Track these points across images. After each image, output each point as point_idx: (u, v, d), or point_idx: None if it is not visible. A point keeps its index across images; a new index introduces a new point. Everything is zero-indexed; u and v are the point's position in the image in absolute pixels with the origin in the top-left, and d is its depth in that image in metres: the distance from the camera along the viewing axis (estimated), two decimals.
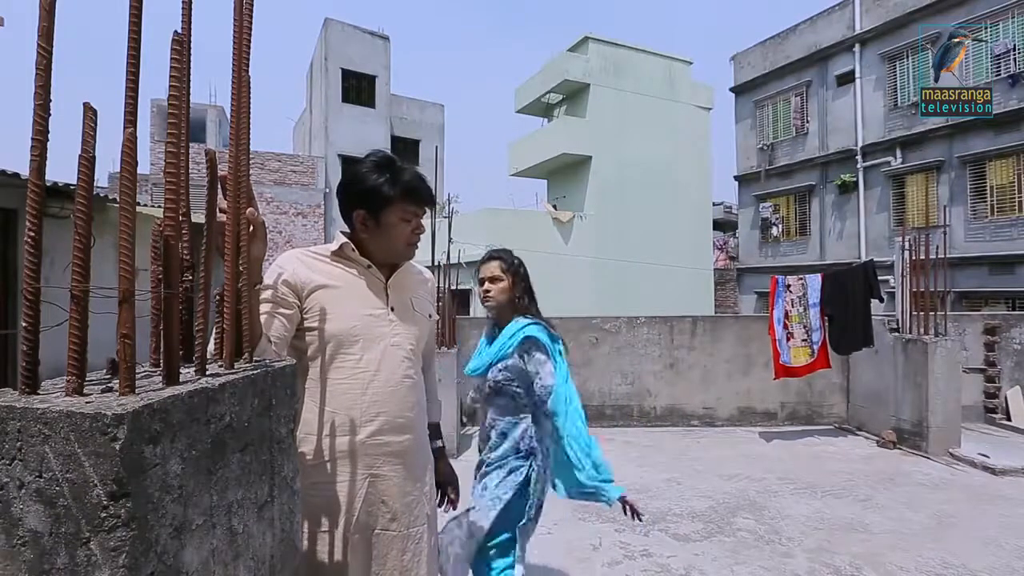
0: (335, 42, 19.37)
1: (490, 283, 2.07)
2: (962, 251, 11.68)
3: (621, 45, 17.77)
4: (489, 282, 2.07)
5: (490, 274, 2.07)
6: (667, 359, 6.63)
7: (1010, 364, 6.52)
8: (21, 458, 0.67)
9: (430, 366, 1.76)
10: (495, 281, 2.06)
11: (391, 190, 1.43)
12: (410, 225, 1.48)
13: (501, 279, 2.06)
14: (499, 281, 2.06)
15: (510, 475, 1.98)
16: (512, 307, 2.07)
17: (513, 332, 2.00)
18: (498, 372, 2.01)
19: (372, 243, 1.48)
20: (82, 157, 0.73)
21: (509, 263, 2.08)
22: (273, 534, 1.01)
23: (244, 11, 1.02)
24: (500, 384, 2.01)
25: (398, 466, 1.43)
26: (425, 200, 1.49)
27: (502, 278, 2.06)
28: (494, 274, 2.06)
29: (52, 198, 4.50)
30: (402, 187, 1.44)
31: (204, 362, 0.93)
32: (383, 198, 1.43)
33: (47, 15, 0.71)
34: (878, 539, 3.48)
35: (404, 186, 1.44)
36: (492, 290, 2.06)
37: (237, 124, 1.04)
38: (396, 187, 1.43)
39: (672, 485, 4.49)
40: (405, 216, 1.46)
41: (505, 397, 2.03)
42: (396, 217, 1.45)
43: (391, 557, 1.41)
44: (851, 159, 14.36)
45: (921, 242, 5.60)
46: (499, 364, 2.01)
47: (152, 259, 0.86)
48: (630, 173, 16.98)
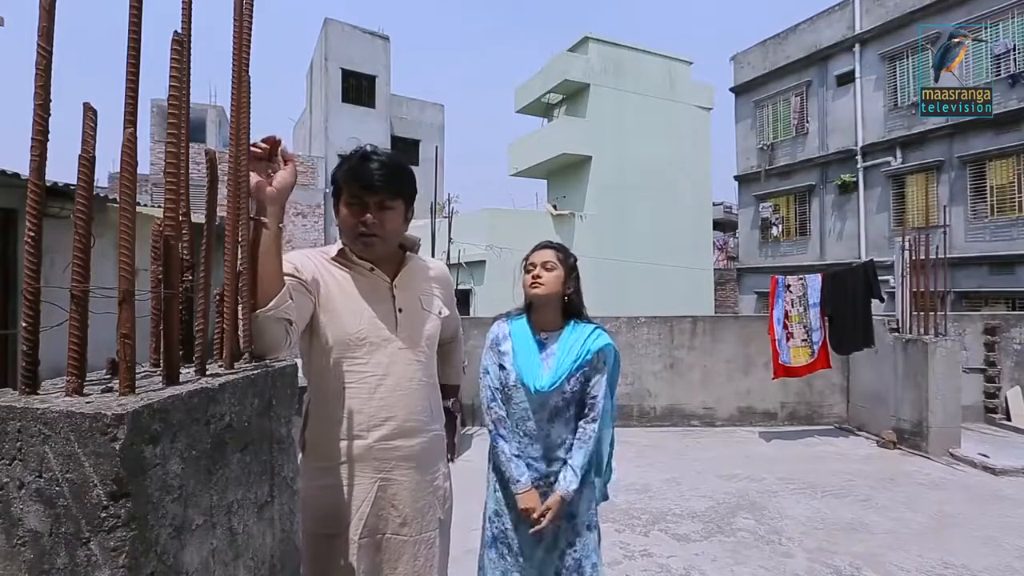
0: (335, 42, 19.36)
1: (542, 268, 1.83)
2: (962, 251, 11.68)
3: (621, 45, 17.76)
4: (542, 267, 1.83)
5: (543, 259, 1.84)
6: (667, 359, 6.63)
7: (1010, 364, 6.51)
8: (21, 458, 0.67)
9: (455, 336, 1.79)
10: (548, 268, 1.83)
11: (340, 176, 1.39)
12: (351, 211, 1.38)
13: (555, 267, 1.83)
14: (553, 269, 1.83)
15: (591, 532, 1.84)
16: (560, 304, 1.86)
17: (587, 336, 1.81)
18: (576, 382, 1.79)
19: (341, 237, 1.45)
20: (82, 157, 0.73)
21: (565, 256, 1.87)
22: (273, 534, 1.01)
23: (244, 11, 1.02)
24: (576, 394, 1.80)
25: (409, 470, 1.41)
26: (363, 182, 1.35)
27: (556, 266, 1.83)
28: (548, 260, 1.83)
29: (52, 198, 4.50)
30: (345, 171, 1.38)
31: (204, 362, 0.93)
32: (337, 186, 1.41)
33: (47, 15, 0.71)
34: (878, 539, 3.48)
35: (347, 169, 1.38)
36: (544, 276, 1.82)
37: (237, 124, 1.04)
38: (342, 172, 1.39)
39: (672, 485, 4.49)
40: (347, 201, 1.39)
41: (575, 408, 1.82)
42: (342, 204, 1.40)
43: (402, 562, 1.39)
44: (851, 159, 14.35)
45: (921, 242, 5.60)
46: (578, 374, 1.78)
47: (152, 259, 0.86)
48: (630, 173, 16.97)
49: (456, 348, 1.82)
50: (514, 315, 1.94)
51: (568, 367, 1.77)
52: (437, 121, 23.02)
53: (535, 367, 1.80)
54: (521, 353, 1.83)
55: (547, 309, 1.85)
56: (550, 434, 1.80)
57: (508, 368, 1.83)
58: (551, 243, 1.91)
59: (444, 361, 1.73)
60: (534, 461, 1.80)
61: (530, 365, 1.80)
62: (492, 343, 1.90)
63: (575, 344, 1.80)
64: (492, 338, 1.91)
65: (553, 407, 1.79)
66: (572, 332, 1.83)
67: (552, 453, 1.80)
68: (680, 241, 17.43)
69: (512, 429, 1.82)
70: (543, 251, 1.87)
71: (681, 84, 18.55)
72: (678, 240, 17.38)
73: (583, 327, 1.84)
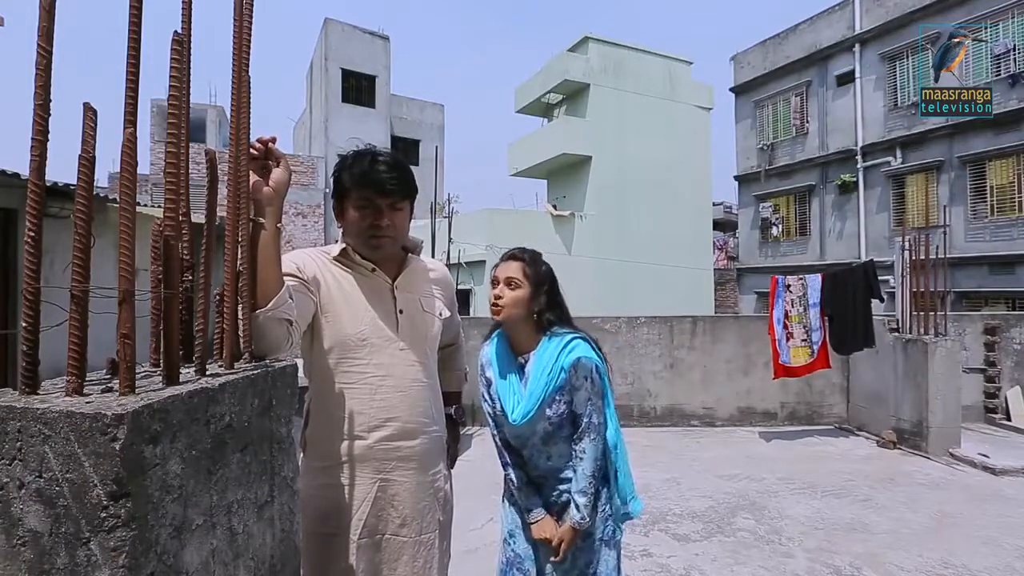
0: (335, 42, 19.36)
1: (505, 286, 1.64)
2: (962, 251, 11.68)
3: (621, 45, 17.76)
4: (504, 285, 1.64)
5: (507, 275, 1.64)
6: (667, 359, 6.63)
7: (1010, 364, 6.51)
8: (21, 458, 0.67)
9: (455, 340, 1.79)
10: (511, 285, 1.63)
11: (348, 179, 1.41)
12: (363, 214, 1.40)
13: (519, 285, 1.63)
14: (516, 287, 1.62)
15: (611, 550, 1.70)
16: (530, 322, 1.67)
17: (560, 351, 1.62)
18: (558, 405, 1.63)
19: (347, 238, 1.46)
20: (82, 157, 0.73)
21: (535, 268, 1.66)
22: (273, 534, 1.01)
23: (244, 11, 1.02)
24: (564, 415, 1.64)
25: (409, 471, 1.41)
26: (377, 186, 1.38)
27: (520, 284, 1.63)
28: (512, 276, 1.63)
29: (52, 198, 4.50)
30: (355, 174, 1.40)
31: (204, 362, 0.93)
32: (343, 188, 1.42)
33: (47, 15, 0.71)
34: (878, 539, 3.48)
35: (357, 173, 1.39)
36: (504, 296, 1.62)
37: (237, 124, 1.05)
38: (351, 175, 1.40)
39: (672, 485, 4.49)
40: (358, 204, 1.40)
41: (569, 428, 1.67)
42: (352, 206, 1.41)
43: (402, 563, 1.39)
44: (851, 159, 14.35)
45: (921, 242, 5.60)
46: (556, 395, 1.62)
47: (152, 259, 0.86)
48: (630, 173, 16.97)
49: (457, 352, 1.82)
50: (496, 335, 1.78)
51: (540, 393, 1.60)
52: (437, 121, 23.02)
53: (514, 395, 1.66)
54: (500, 381, 1.69)
55: (519, 328, 1.68)
56: (551, 456, 1.68)
57: (494, 397, 1.71)
58: (519, 254, 1.69)
59: (445, 366, 1.73)
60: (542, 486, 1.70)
61: (508, 394, 1.67)
62: (480, 369, 1.78)
63: (548, 364, 1.62)
64: (479, 364, 1.79)
65: (543, 433, 1.66)
66: (545, 349, 1.64)
67: (558, 475, 1.69)
68: (680, 241, 17.43)
69: (515, 455, 1.73)
70: (508, 264, 1.67)
71: (681, 84, 18.55)
72: (678, 240, 17.38)
73: (557, 340, 1.64)
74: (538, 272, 1.67)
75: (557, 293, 1.72)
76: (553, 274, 1.73)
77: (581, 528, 1.62)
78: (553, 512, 1.69)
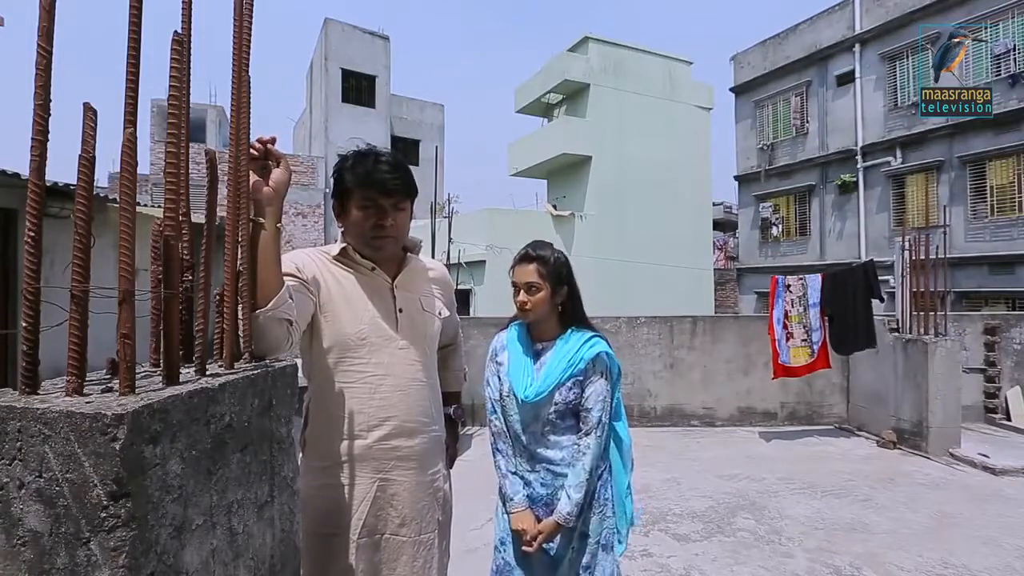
0: (335, 42, 19.36)
1: (526, 292, 1.71)
2: (962, 251, 11.68)
3: (621, 45, 17.76)
4: (525, 290, 1.71)
5: (527, 281, 1.71)
6: (667, 359, 6.63)
7: (1010, 364, 6.51)
8: (21, 458, 0.67)
9: (454, 340, 1.80)
10: (531, 290, 1.71)
11: (351, 178, 1.41)
12: (367, 214, 1.40)
13: (539, 288, 1.70)
14: (537, 291, 1.70)
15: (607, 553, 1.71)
16: (555, 313, 1.76)
17: (582, 344, 1.71)
18: (568, 392, 1.69)
19: (349, 237, 1.46)
20: (82, 157, 0.73)
21: (550, 268, 1.72)
22: (273, 534, 1.01)
23: (244, 11, 1.02)
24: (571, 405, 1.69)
25: (409, 471, 1.41)
26: (380, 187, 1.39)
27: (540, 286, 1.70)
28: (531, 281, 1.70)
29: (52, 198, 4.50)
30: (358, 174, 1.40)
31: (204, 362, 0.93)
32: (345, 188, 1.42)
33: (47, 15, 0.71)
34: (878, 539, 3.48)
35: (361, 173, 1.40)
36: (529, 302, 1.71)
37: (237, 124, 1.05)
38: (354, 175, 1.41)
39: (672, 485, 4.49)
40: (362, 204, 1.40)
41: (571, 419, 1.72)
42: (355, 206, 1.41)
43: (401, 563, 1.39)
44: (851, 159, 14.35)
45: (921, 242, 5.60)
46: (569, 383, 1.68)
47: (152, 259, 0.86)
48: (630, 173, 16.98)
49: (456, 352, 1.82)
50: (515, 323, 1.85)
51: (558, 376, 1.67)
52: (437, 121, 23.02)
53: (526, 376, 1.72)
54: (514, 362, 1.76)
55: (544, 320, 1.76)
56: (549, 445, 1.71)
57: (502, 378, 1.77)
58: (533, 254, 1.74)
59: (444, 366, 1.73)
60: (531, 478, 1.72)
61: (521, 374, 1.73)
62: (491, 354, 1.85)
63: (568, 352, 1.70)
64: (491, 349, 1.86)
65: (546, 419, 1.70)
66: (567, 341, 1.74)
67: (553, 467, 1.70)
68: (680, 241, 17.43)
69: (510, 444, 1.76)
70: (525, 268, 1.73)
71: (681, 84, 18.55)
72: (678, 240, 17.38)
73: (580, 335, 1.74)
74: (553, 269, 1.74)
75: (574, 285, 1.79)
76: (567, 263, 1.79)
77: (566, 524, 1.63)
78: (539, 506, 1.70)
